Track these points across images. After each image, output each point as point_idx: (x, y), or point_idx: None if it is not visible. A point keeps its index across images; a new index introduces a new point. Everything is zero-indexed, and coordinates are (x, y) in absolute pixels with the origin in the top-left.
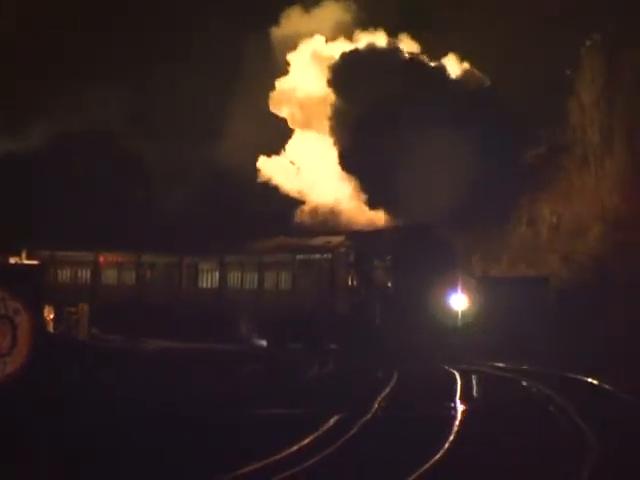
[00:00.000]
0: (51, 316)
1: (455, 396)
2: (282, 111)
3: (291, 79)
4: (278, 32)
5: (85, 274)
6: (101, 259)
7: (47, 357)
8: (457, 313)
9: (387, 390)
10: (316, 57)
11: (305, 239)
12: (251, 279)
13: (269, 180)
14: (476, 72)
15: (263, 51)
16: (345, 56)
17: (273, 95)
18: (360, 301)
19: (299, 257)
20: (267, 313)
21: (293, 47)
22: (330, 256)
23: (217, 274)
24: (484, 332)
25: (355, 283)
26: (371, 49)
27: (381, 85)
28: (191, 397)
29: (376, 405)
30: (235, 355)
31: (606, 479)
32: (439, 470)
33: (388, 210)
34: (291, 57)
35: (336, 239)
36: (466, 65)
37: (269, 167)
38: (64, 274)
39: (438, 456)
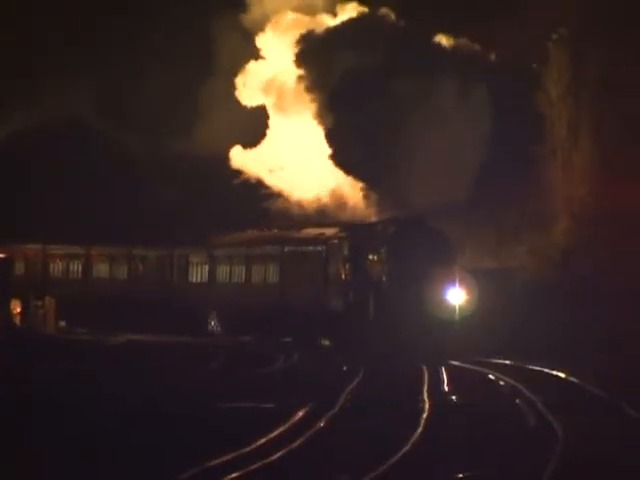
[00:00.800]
0: (18, 310)
1: (423, 395)
2: (258, 99)
3: (265, 62)
4: (250, 12)
5: (77, 267)
6: (92, 252)
7: (13, 350)
8: (454, 307)
9: (354, 384)
10: (289, 34)
11: (293, 231)
12: (239, 272)
13: (249, 174)
14: (473, 45)
15: (236, 34)
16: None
17: (246, 82)
18: (354, 295)
19: (288, 249)
20: (254, 307)
21: (263, 29)
22: (323, 248)
23: (207, 267)
24: (481, 327)
25: (349, 277)
26: (353, 19)
27: (365, 53)
28: (157, 391)
29: (343, 398)
30: (208, 348)
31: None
32: (406, 462)
33: (375, 191)
34: (262, 39)
35: (329, 231)
36: (462, 41)
37: (248, 160)
38: (56, 267)
39: (406, 448)
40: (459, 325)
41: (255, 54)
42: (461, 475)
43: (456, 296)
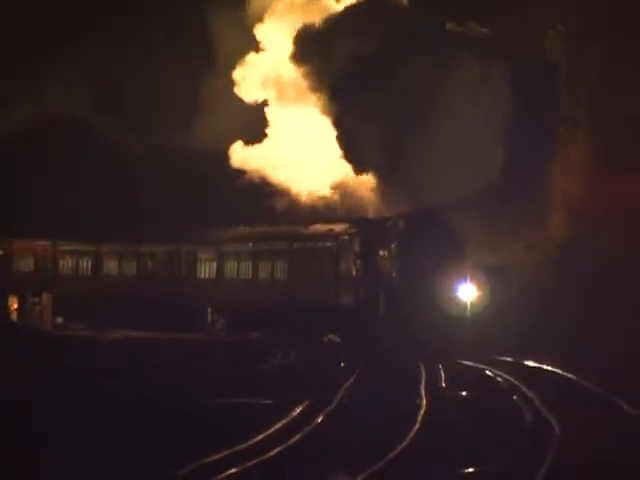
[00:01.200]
0: (15, 306)
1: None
2: (258, 93)
3: (265, 54)
4: (250, 5)
5: (86, 264)
6: (102, 250)
7: (10, 347)
8: (466, 304)
9: (351, 380)
10: (288, 21)
11: (302, 227)
12: (247, 268)
13: (252, 170)
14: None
15: (236, 27)
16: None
17: (246, 76)
18: (365, 292)
19: (297, 245)
20: (262, 303)
21: (262, 20)
22: (334, 244)
23: (214, 264)
24: (490, 324)
25: (360, 273)
26: (356, 4)
27: (368, 40)
28: (154, 388)
29: (341, 394)
30: (210, 345)
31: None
32: (405, 458)
33: (385, 183)
34: (261, 30)
35: (340, 226)
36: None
37: (251, 156)
38: (65, 264)
39: (404, 444)
40: (471, 322)
41: (255, 46)
42: (471, 469)
43: (468, 292)
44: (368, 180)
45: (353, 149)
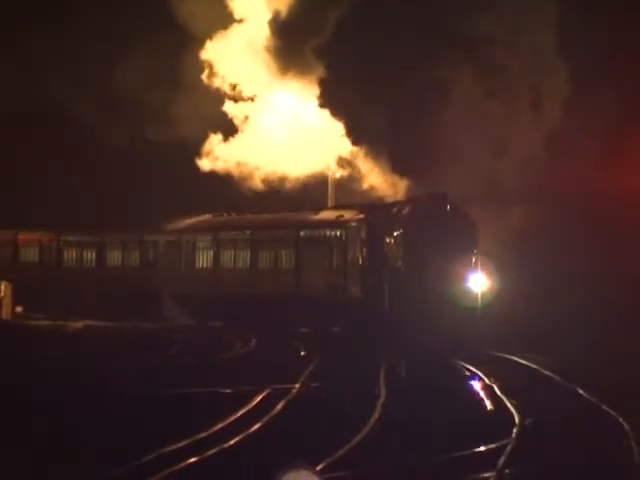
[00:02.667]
0: None
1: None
2: (237, 77)
3: (239, 29)
4: None
5: (90, 256)
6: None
7: None
8: (476, 295)
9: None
10: None
11: (308, 213)
12: (251, 257)
13: (242, 162)
14: None
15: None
16: None
17: (218, 57)
18: (371, 281)
19: (303, 233)
20: (267, 294)
21: None
22: (343, 232)
23: (212, 252)
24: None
25: (366, 262)
26: None
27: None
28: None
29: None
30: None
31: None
32: (364, 446)
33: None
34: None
35: (348, 213)
36: None
37: (238, 147)
38: (69, 255)
39: (364, 433)
40: (481, 313)
41: (229, 20)
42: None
43: (478, 282)
44: (371, 159)
45: (353, 121)
